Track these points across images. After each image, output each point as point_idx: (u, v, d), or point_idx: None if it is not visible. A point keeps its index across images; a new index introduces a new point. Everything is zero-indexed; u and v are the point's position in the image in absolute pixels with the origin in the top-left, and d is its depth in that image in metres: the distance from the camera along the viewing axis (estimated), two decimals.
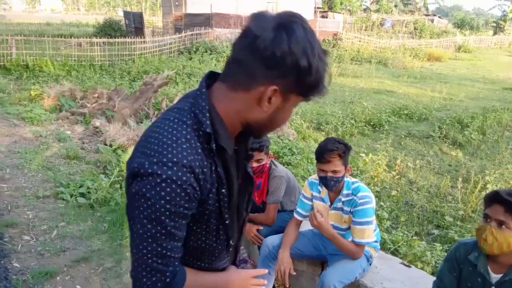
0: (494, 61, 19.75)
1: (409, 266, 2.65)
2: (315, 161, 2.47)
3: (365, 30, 26.50)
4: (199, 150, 0.93)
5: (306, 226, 2.75)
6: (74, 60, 12.49)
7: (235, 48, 0.94)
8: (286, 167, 5.02)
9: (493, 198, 1.70)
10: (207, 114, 0.94)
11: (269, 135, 6.14)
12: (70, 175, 4.82)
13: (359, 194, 2.31)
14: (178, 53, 15.59)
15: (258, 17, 0.91)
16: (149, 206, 0.90)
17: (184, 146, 0.91)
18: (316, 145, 6.62)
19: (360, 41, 21.33)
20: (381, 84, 13.19)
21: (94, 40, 13.37)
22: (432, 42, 23.93)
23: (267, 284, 2.52)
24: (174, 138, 0.91)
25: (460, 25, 39.15)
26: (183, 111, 0.96)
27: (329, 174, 2.26)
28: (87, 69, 12.03)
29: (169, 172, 0.89)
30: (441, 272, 1.95)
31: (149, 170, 0.89)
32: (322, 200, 2.48)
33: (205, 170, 0.94)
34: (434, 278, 2.08)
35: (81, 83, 10.19)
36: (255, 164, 2.68)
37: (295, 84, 0.92)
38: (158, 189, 0.89)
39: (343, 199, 2.36)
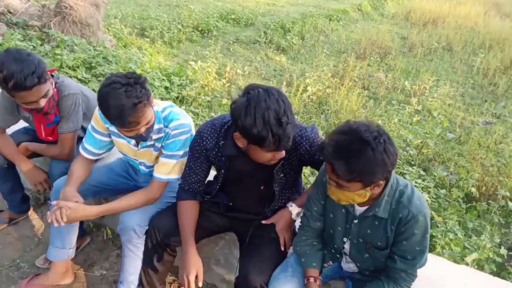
0: None
1: None
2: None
3: None
4: None
5: (111, 158, 2.20)
6: None
7: None
8: (98, 80, 4.21)
9: (321, 153, 1.36)
10: None
11: (76, 41, 5.05)
12: None
13: (172, 125, 1.80)
14: None
15: None
16: None
17: None
18: (141, 55, 5.91)
19: None
20: None
21: None
22: None
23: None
24: None
25: None
26: None
27: (142, 130, 1.67)
28: None
29: None
30: (310, 199, 1.68)
31: None
32: (126, 139, 1.88)
33: None
34: None
35: None
36: (43, 102, 1.90)
37: None
38: None
39: (154, 136, 1.83)
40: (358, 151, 1.28)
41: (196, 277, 1.69)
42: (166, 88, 4.86)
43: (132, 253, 1.87)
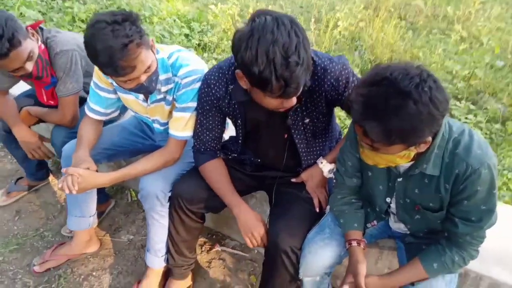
0: None
1: None
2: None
3: None
4: None
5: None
6: None
7: None
8: None
9: (350, 113, 1.09)
10: None
11: None
12: None
13: (181, 73, 1.53)
14: None
15: None
16: None
17: None
18: (157, 1, 5.58)
19: None
20: None
21: None
22: None
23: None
24: None
25: None
26: None
27: (142, 79, 1.41)
28: None
29: None
30: (342, 153, 1.42)
31: None
32: (133, 94, 1.65)
33: None
34: None
35: None
36: (29, 66, 1.68)
37: None
38: None
39: (163, 88, 1.58)
40: (396, 107, 0.98)
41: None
42: (186, 35, 4.58)
43: (157, 222, 1.71)
